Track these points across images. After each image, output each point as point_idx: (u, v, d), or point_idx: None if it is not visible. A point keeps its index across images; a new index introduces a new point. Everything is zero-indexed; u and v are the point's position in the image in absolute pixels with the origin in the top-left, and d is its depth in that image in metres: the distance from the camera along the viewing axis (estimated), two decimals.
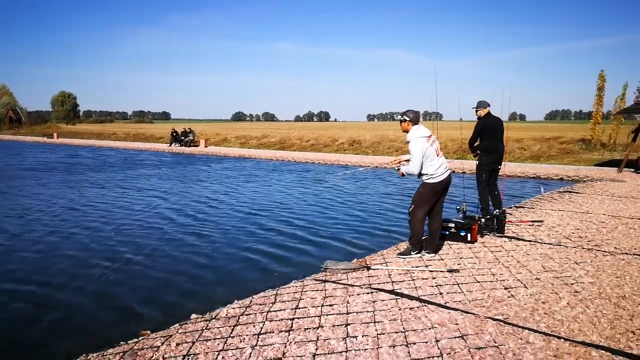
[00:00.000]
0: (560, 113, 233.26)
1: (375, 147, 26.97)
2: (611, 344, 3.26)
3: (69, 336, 4.11)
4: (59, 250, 6.77)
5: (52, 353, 3.70)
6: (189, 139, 31.52)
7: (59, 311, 4.67)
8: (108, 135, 47.77)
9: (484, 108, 7.07)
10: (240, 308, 4.11)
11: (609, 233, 6.66)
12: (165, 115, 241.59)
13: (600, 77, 23.11)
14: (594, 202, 9.40)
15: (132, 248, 6.83)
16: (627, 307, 3.94)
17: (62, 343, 3.96)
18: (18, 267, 6.00)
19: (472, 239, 6.07)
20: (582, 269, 4.97)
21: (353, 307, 3.99)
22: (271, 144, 31.92)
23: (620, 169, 15.55)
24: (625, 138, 21.03)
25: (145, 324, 4.22)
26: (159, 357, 3.22)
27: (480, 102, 7.13)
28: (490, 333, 3.44)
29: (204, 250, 6.72)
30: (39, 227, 8.17)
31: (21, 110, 79.78)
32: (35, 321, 4.43)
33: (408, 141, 5.28)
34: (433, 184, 5.23)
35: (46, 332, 4.21)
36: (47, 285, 5.35)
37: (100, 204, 10.59)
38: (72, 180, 15.12)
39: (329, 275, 4.93)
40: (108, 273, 5.74)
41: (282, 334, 3.51)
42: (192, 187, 13.56)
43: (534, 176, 15.43)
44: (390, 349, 3.22)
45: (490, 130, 6.98)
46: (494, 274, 4.84)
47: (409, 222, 5.43)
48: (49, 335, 4.16)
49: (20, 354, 3.82)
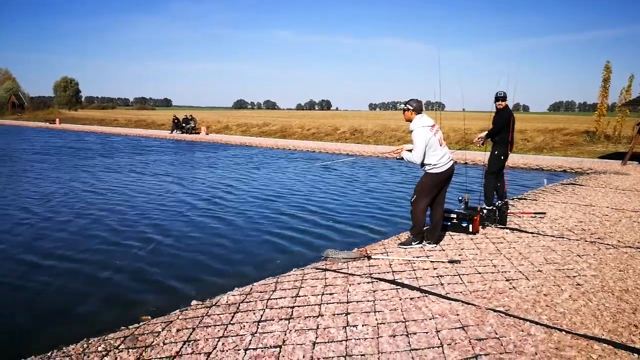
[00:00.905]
0: (564, 104, 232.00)
1: (377, 136, 26.88)
2: (613, 338, 3.24)
3: (69, 321, 4.12)
4: (55, 234, 6.77)
5: (53, 337, 3.69)
6: (191, 126, 31.40)
7: (59, 296, 4.68)
8: (110, 121, 47.69)
9: (505, 99, 7.03)
10: (240, 295, 4.10)
11: (612, 226, 6.62)
12: (166, 102, 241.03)
13: (606, 69, 22.94)
14: (598, 195, 9.36)
15: (133, 234, 6.83)
16: (630, 300, 3.92)
17: (62, 327, 3.96)
18: (19, 250, 6.00)
19: (473, 230, 6.05)
20: (585, 262, 4.94)
21: (353, 296, 3.97)
22: (272, 132, 31.83)
23: (625, 162, 15.46)
24: (630, 130, 20.91)
25: (146, 309, 4.22)
26: (160, 343, 3.22)
27: (504, 93, 7.02)
28: (491, 324, 3.42)
29: (206, 237, 6.71)
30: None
31: (24, 95, 79.60)
32: (35, 305, 4.44)
33: (411, 130, 5.23)
34: (436, 174, 5.19)
35: (47, 316, 4.21)
36: (48, 270, 5.35)
37: (113, 188, 10.59)
38: (87, 165, 15.48)
39: (330, 264, 4.92)
40: (108, 259, 5.74)
41: (282, 321, 3.51)
42: (205, 173, 13.54)
43: (536, 168, 15.36)
44: (391, 338, 3.21)
45: (508, 122, 6.95)
46: (495, 265, 4.82)
47: (411, 212, 5.40)
48: (49, 319, 4.16)
49: (20, 338, 3.82)
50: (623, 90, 22.78)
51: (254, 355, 3.01)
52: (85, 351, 3.14)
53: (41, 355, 3.14)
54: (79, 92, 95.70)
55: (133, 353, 3.09)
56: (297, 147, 22.91)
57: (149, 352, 3.10)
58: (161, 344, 3.21)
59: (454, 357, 2.96)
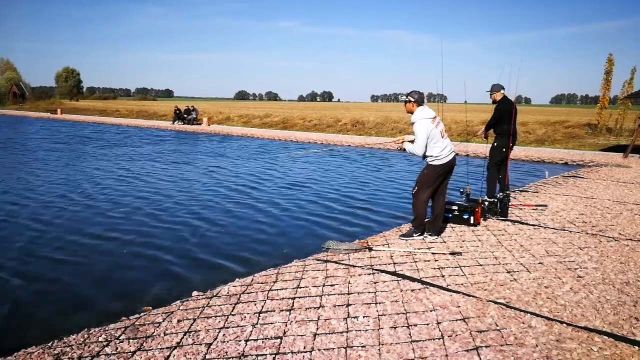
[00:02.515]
0: (566, 97, 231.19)
1: (378, 128, 26.80)
2: (614, 330, 3.24)
3: (69, 311, 4.12)
4: (50, 225, 6.77)
5: (54, 327, 3.70)
6: (192, 117, 31.32)
7: (60, 286, 4.67)
8: (111, 112, 47.56)
9: (498, 91, 6.99)
10: (241, 286, 4.10)
11: (613, 219, 6.61)
12: (168, 93, 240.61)
13: (609, 61, 22.80)
14: (599, 188, 9.34)
15: (135, 225, 6.82)
16: (631, 293, 3.91)
17: (62, 318, 3.97)
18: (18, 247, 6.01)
19: (475, 222, 6.04)
20: (586, 254, 4.93)
21: (354, 288, 3.97)
22: (274, 124, 31.74)
23: (626, 155, 15.42)
24: (632, 123, 20.82)
25: (147, 300, 4.23)
26: (160, 333, 3.22)
27: (494, 85, 7.05)
28: (492, 316, 3.42)
29: (205, 228, 6.70)
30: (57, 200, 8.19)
31: (25, 85, 79.30)
32: (35, 295, 4.45)
33: (412, 122, 5.21)
34: (437, 165, 5.18)
35: (48, 306, 4.22)
36: (47, 260, 5.35)
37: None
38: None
39: (331, 256, 4.92)
40: (108, 249, 5.74)
41: (283, 313, 3.51)
42: (204, 163, 13.52)
43: (538, 160, 15.32)
44: (392, 330, 3.21)
45: (507, 114, 6.90)
46: (496, 257, 4.81)
47: (413, 203, 5.39)
48: (50, 309, 4.16)
49: (20, 328, 3.83)
50: (625, 82, 22.67)
51: (254, 346, 3.01)
52: (86, 341, 3.15)
53: (42, 345, 3.15)
54: (80, 82, 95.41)
55: (134, 343, 3.09)
56: (297, 138, 22.85)
57: (150, 342, 3.10)
58: (162, 334, 3.21)
59: (455, 348, 2.96)
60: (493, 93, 7.04)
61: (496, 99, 7.03)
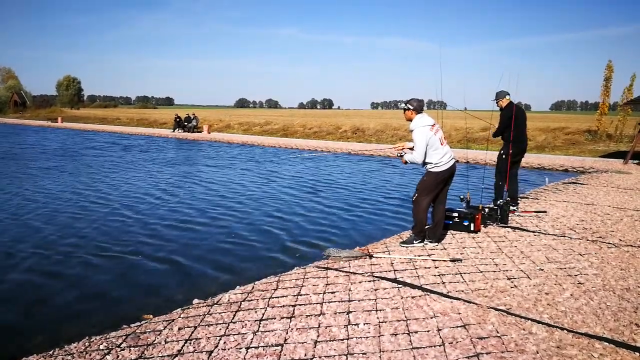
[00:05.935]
0: (566, 103, 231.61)
1: (379, 135, 26.85)
2: (615, 336, 3.24)
3: (71, 319, 4.12)
4: (41, 233, 6.78)
5: (55, 335, 3.70)
6: (192, 125, 31.41)
7: (60, 295, 4.68)
8: (112, 120, 47.70)
9: (504, 98, 7.02)
10: (242, 294, 4.11)
11: (613, 225, 6.61)
12: (168, 101, 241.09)
13: (608, 68, 22.89)
14: (599, 194, 9.34)
15: (135, 234, 6.83)
16: (632, 299, 3.91)
17: (63, 326, 3.97)
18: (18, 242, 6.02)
19: (475, 229, 6.04)
20: (586, 261, 4.94)
21: (355, 295, 3.98)
22: (274, 131, 31.81)
23: (626, 161, 15.43)
24: (631, 129, 20.87)
25: (148, 308, 4.22)
26: (161, 341, 3.23)
27: (499, 92, 7.08)
28: (492, 323, 3.42)
29: (206, 236, 6.71)
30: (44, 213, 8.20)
31: (26, 94, 79.71)
32: (36, 304, 4.45)
33: (411, 130, 5.24)
34: (437, 172, 5.19)
35: (48, 314, 4.22)
36: (49, 269, 5.36)
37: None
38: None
39: (331, 263, 4.92)
40: (108, 258, 5.75)
41: (283, 320, 3.51)
42: (202, 172, 13.55)
43: (538, 166, 15.34)
44: (392, 337, 3.21)
45: (515, 120, 6.91)
46: (497, 264, 4.81)
47: (413, 210, 5.40)
48: (51, 317, 4.17)
49: (21, 336, 3.83)
50: (625, 89, 22.72)
51: (255, 354, 3.01)
52: (87, 349, 3.15)
53: (43, 354, 3.15)
54: (81, 90, 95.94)
55: (135, 351, 3.09)
56: (298, 145, 22.89)
57: (151, 350, 3.11)
58: (163, 342, 3.21)
59: (456, 355, 2.96)
60: (499, 100, 7.07)
61: (502, 105, 7.05)
